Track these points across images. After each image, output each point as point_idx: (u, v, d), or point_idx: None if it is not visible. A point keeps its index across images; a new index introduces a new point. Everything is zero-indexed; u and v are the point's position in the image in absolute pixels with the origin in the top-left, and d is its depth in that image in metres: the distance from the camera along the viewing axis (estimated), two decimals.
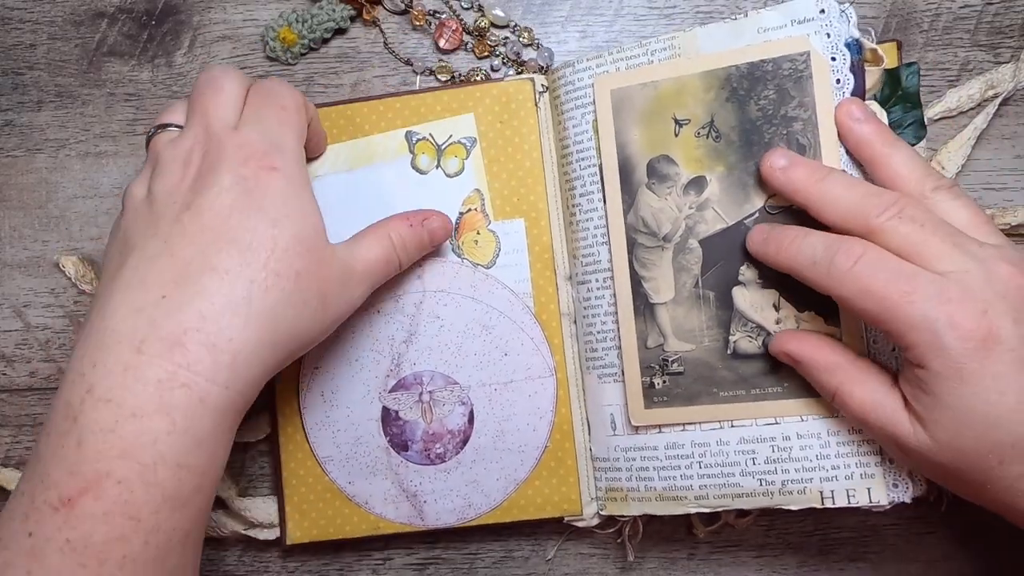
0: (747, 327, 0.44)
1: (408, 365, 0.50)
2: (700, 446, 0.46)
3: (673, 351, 0.46)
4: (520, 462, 0.49)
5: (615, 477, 0.48)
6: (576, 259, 0.49)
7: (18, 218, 0.53)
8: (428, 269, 0.49)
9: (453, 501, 0.50)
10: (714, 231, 0.45)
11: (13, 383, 0.53)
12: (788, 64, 0.43)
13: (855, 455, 0.43)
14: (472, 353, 0.49)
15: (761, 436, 0.45)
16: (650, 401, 0.46)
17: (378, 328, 0.49)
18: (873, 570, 0.52)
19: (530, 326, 0.49)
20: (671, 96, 0.46)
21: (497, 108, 0.50)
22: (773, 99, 0.44)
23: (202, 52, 0.53)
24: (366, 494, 0.50)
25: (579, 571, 0.53)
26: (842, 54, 0.43)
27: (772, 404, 0.44)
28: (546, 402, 0.49)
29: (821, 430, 0.43)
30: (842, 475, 0.43)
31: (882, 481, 0.43)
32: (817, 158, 0.43)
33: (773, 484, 0.44)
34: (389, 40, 0.53)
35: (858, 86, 0.43)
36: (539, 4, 0.53)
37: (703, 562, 0.53)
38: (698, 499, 0.46)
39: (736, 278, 0.45)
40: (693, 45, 0.46)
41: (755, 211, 0.44)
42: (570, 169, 0.49)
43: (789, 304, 0.44)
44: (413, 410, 0.50)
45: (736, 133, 0.45)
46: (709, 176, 0.45)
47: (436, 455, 0.50)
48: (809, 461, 0.44)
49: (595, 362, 0.49)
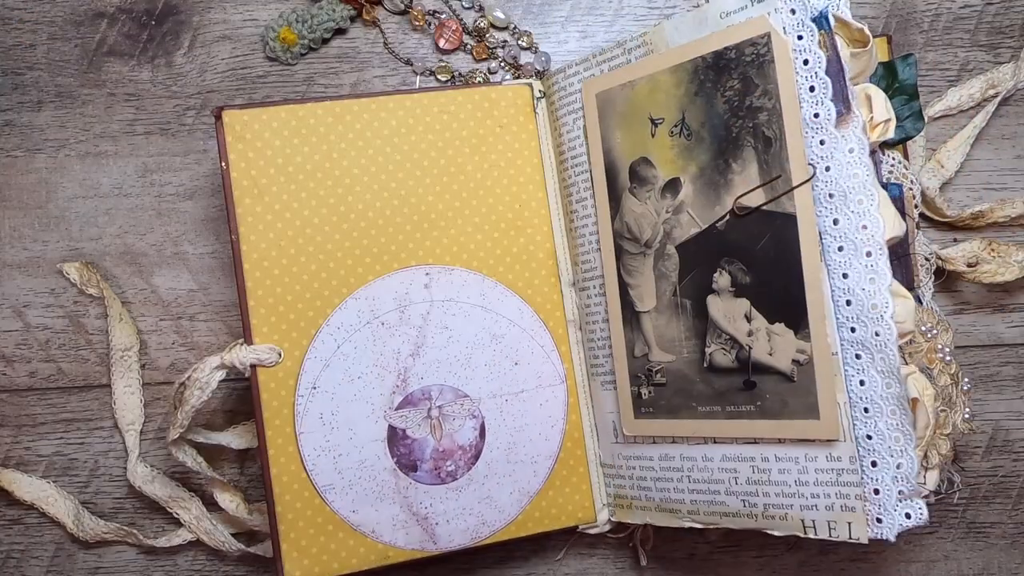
0: (721, 339, 0.43)
1: (415, 380, 0.48)
2: (688, 460, 0.45)
3: (656, 361, 0.45)
4: (533, 473, 0.48)
5: (620, 484, 0.48)
6: (577, 265, 0.49)
7: (18, 218, 0.53)
8: (435, 278, 0.48)
9: (466, 521, 0.48)
10: (689, 235, 0.44)
11: (13, 383, 0.54)
12: (750, 49, 0.41)
13: (834, 485, 0.41)
14: (482, 364, 0.48)
15: (741, 455, 0.43)
16: (638, 411, 0.46)
17: (382, 341, 0.47)
18: (873, 570, 0.52)
19: (540, 334, 0.49)
20: (645, 95, 0.44)
21: (496, 112, 0.49)
22: (738, 89, 0.41)
23: (202, 52, 0.53)
24: (372, 522, 0.47)
25: (579, 571, 0.53)
26: (809, 31, 0.39)
27: (747, 424, 0.43)
28: (558, 410, 0.49)
29: (798, 455, 0.42)
30: (822, 505, 0.41)
31: (862, 516, 0.40)
32: (783, 150, 0.40)
33: (756, 507, 0.43)
34: (389, 40, 0.53)
35: (833, 64, 0.39)
36: (539, 4, 0.53)
37: (703, 562, 0.52)
38: (691, 514, 0.45)
39: (710, 285, 0.43)
40: (663, 40, 0.44)
41: (726, 213, 0.42)
42: (567, 175, 0.49)
43: (760, 315, 0.42)
44: (421, 427, 0.48)
45: (706, 130, 0.43)
46: (683, 178, 0.44)
47: (447, 473, 0.48)
48: (789, 487, 0.42)
49: (597, 368, 0.49)
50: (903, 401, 0.39)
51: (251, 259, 0.46)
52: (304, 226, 0.47)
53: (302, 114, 0.47)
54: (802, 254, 0.40)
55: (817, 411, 0.40)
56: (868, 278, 0.39)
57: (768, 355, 0.41)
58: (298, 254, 0.46)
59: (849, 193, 0.39)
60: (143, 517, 0.52)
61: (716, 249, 0.43)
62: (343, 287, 0.47)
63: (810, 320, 0.40)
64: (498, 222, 0.49)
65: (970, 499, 0.52)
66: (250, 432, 0.51)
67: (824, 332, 0.40)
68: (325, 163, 0.47)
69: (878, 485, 0.40)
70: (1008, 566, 0.52)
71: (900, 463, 0.39)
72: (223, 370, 0.45)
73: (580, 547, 0.53)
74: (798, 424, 0.41)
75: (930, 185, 0.50)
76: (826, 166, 0.39)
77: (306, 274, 0.46)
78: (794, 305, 0.40)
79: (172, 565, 0.52)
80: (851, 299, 0.39)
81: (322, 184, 0.47)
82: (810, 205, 0.39)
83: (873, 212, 0.39)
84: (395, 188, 0.48)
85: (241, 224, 0.46)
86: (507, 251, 0.49)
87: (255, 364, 0.45)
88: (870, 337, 0.39)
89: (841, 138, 0.39)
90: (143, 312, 0.53)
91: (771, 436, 0.42)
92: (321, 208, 0.47)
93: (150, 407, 0.53)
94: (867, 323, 0.39)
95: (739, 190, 0.41)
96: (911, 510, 0.40)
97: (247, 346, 0.45)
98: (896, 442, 0.39)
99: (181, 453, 0.48)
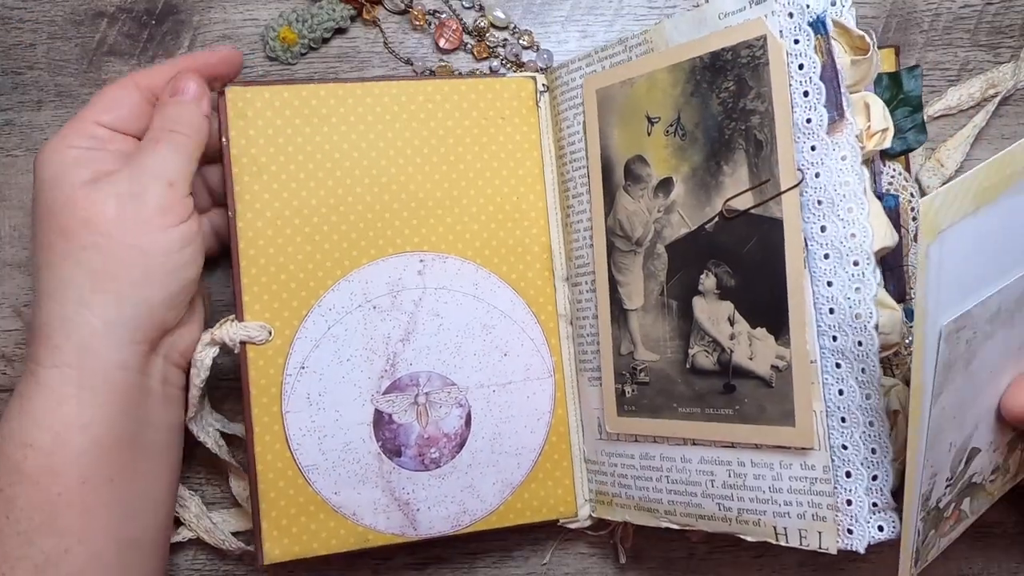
0: (704, 341, 0.43)
1: (404, 365, 0.48)
2: (668, 460, 0.45)
3: (641, 360, 0.45)
4: (517, 465, 0.49)
5: (602, 480, 0.48)
6: (570, 260, 0.49)
7: (18, 218, 0.53)
8: (429, 265, 0.48)
9: (447, 508, 0.48)
10: (679, 236, 0.44)
11: (13, 383, 0.52)
12: (746, 51, 0.40)
13: (807, 493, 0.41)
14: (472, 353, 0.48)
15: (718, 459, 0.43)
16: (621, 409, 0.46)
17: (373, 325, 0.47)
18: (873, 570, 0.51)
19: (531, 326, 0.49)
20: (643, 93, 0.44)
21: (499, 104, 0.49)
22: (732, 91, 0.41)
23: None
24: (354, 504, 0.47)
25: (579, 571, 0.53)
26: (806, 35, 0.39)
27: (725, 427, 0.42)
28: (544, 403, 0.49)
29: (773, 461, 0.41)
30: (794, 513, 0.41)
31: (833, 526, 0.40)
32: (773, 154, 0.40)
33: (731, 511, 0.43)
34: (389, 40, 0.53)
35: (828, 70, 0.39)
36: (539, 4, 0.53)
37: (703, 562, 0.52)
38: (667, 514, 0.45)
39: (696, 287, 0.43)
40: (663, 38, 0.44)
41: (715, 215, 0.42)
42: (565, 170, 0.49)
43: (743, 319, 0.42)
44: (408, 413, 0.48)
45: (700, 131, 0.42)
46: (676, 177, 0.44)
47: (431, 460, 0.48)
48: (763, 492, 0.42)
49: (585, 364, 0.49)
50: (881, 413, 0.39)
51: (246, 237, 0.46)
52: (301, 206, 0.47)
53: (305, 94, 0.47)
54: (786, 260, 0.40)
55: (793, 418, 0.40)
56: (854, 287, 0.39)
57: (748, 359, 0.41)
58: (294, 234, 0.46)
59: (838, 200, 0.39)
60: None
61: (704, 251, 0.42)
62: (337, 269, 0.47)
63: (790, 326, 0.40)
64: (495, 213, 0.49)
65: None
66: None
67: (804, 339, 0.39)
68: (325, 145, 0.47)
69: (851, 496, 0.40)
70: (1008, 566, 0.52)
71: (875, 475, 0.39)
72: (215, 347, 0.45)
73: (580, 547, 0.53)
74: (774, 430, 0.41)
75: (930, 184, 0.50)
76: (816, 172, 0.39)
77: (301, 254, 0.46)
78: (776, 310, 0.40)
79: (171, 564, 0.52)
80: (834, 307, 0.39)
81: (321, 165, 0.47)
82: (797, 211, 0.39)
83: (863, 221, 0.38)
84: (394, 173, 0.48)
85: (239, 201, 0.46)
86: (502, 242, 0.49)
87: (245, 341, 0.45)
88: (852, 347, 0.39)
89: (833, 144, 0.39)
90: None
91: (748, 441, 0.42)
92: (319, 189, 0.47)
93: None
94: (849, 332, 0.39)
95: (729, 192, 0.41)
96: (884, 523, 0.40)
97: (238, 323, 0.45)
98: (872, 454, 0.39)
99: (203, 433, 0.48)
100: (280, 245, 0.46)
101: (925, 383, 0.34)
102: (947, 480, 0.39)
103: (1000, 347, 0.39)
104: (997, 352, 0.38)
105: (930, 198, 0.31)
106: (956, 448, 0.39)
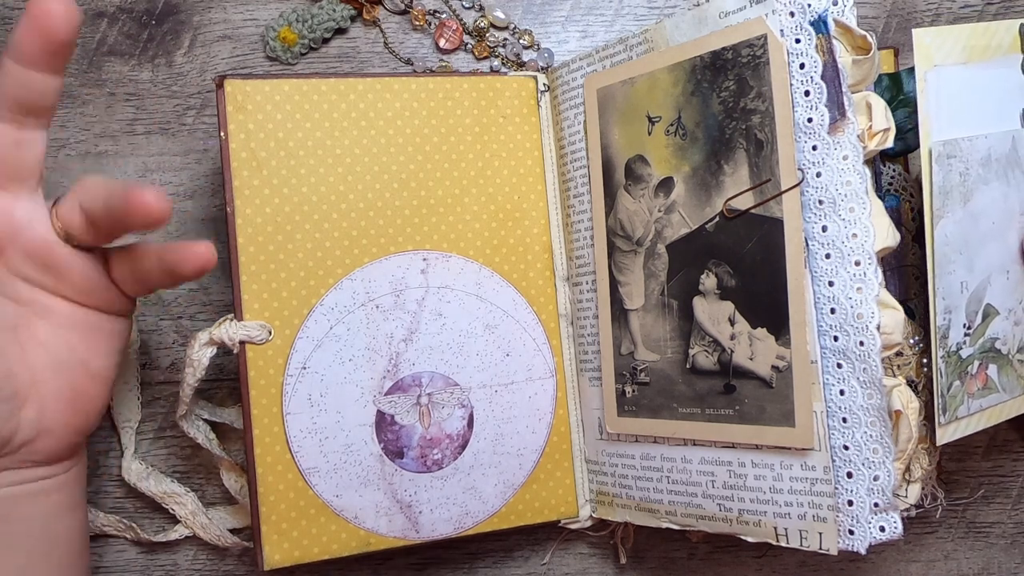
0: (705, 341, 0.43)
1: (407, 365, 0.47)
2: (668, 460, 0.45)
3: (641, 360, 0.45)
4: (519, 466, 0.48)
5: (603, 481, 0.48)
6: (571, 260, 0.49)
7: None
8: (433, 264, 0.48)
9: (449, 510, 0.47)
10: (679, 236, 0.44)
11: None
12: (747, 50, 0.40)
13: (807, 494, 0.40)
14: (474, 353, 0.48)
15: (719, 459, 0.43)
16: (622, 409, 0.46)
17: (376, 325, 0.47)
18: (873, 569, 0.51)
19: (533, 326, 0.49)
20: (644, 92, 0.44)
21: (500, 102, 0.49)
22: (733, 90, 0.41)
23: (202, 52, 0.53)
24: (355, 507, 0.46)
25: (579, 571, 0.53)
26: (807, 34, 0.39)
27: (725, 428, 0.42)
28: (546, 403, 0.49)
29: (774, 462, 0.41)
30: (795, 514, 0.41)
31: (833, 527, 0.40)
32: (774, 154, 0.40)
33: (731, 512, 0.43)
34: (389, 40, 0.53)
35: (830, 69, 0.39)
36: (539, 4, 0.53)
37: (703, 562, 0.52)
38: (668, 514, 0.45)
39: (697, 287, 0.43)
40: (663, 38, 0.44)
41: (716, 215, 0.42)
42: (566, 170, 0.49)
43: (743, 319, 0.42)
44: (410, 414, 0.47)
45: (701, 130, 0.42)
46: (676, 177, 0.43)
47: (433, 461, 0.47)
48: (763, 493, 0.42)
49: (586, 364, 0.48)
50: (883, 413, 0.39)
51: (245, 233, 0.45)
52: (302, 203, 0.46)
53: (305, 89, 0.46)
54: (786, 259, 0.39)
55: (793, 419, 0.40)
56: (855, 287, 0.38)
57: (749, 359, 0.41)
58: (294, 231, 0.46)
59: (840, 200, 0.39)
60: (143, 516, 0.52)
61: (704, 251, 0.42)
62: (339, 267, 0.46)
63: (791, 326, 0.40)
64: (496, 212, 0.49)
65: (970, 499, 0.52)
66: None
67: (804, 339, 0.39)
68: (326, 140, 0.46)
69: (852, 496, 0.40)
70: (1008, 566, 0.52)
71: (877, 475, 0.39)
72: (213, 346, 0.45)
73: (580, 547, 0.53)
74: (774, 431, 0.41)
75: None
76: (817, 172, 0.39)
77: (301, 252, 0.46)
78: (776, 310, 0.40)
79: (172, 564, 0.52)
80: (835, 307, 0.39)
81: (322, 161, 0.46)
82: (798, 211, 0.39)
83: (864, 221, 0.38)
84: (395, 171, 0.47)
85: (237, 197, 0.45)
86: (504, 242, 0.49)
87: (244, 341, 0.45)
88: (853, 347, 0.39)
89: (834, 144, 0.39)
90: (143, 311, 0.52)
91: (748, 441, 0.42)
92: (320, 186, 0.46)
93: (150, 407, 0.52)
94: (851, 332, 0.39)
95: (730, 192, 0.41)
96: (886, 523, 0.39)
97: (237, 322, 0.45)
98: (874, 454, 0.39)
99: (193, 428, 0.48)
100: (280, 242, 0.46)
101: (926, 201, 0.40)
102: (964, 327, 0.41)
103: (1000, 203, 0.42)
104: (998, 209, 0.42)
105: (922, 32, 0.39)
106: (969, 293, 0.41)
